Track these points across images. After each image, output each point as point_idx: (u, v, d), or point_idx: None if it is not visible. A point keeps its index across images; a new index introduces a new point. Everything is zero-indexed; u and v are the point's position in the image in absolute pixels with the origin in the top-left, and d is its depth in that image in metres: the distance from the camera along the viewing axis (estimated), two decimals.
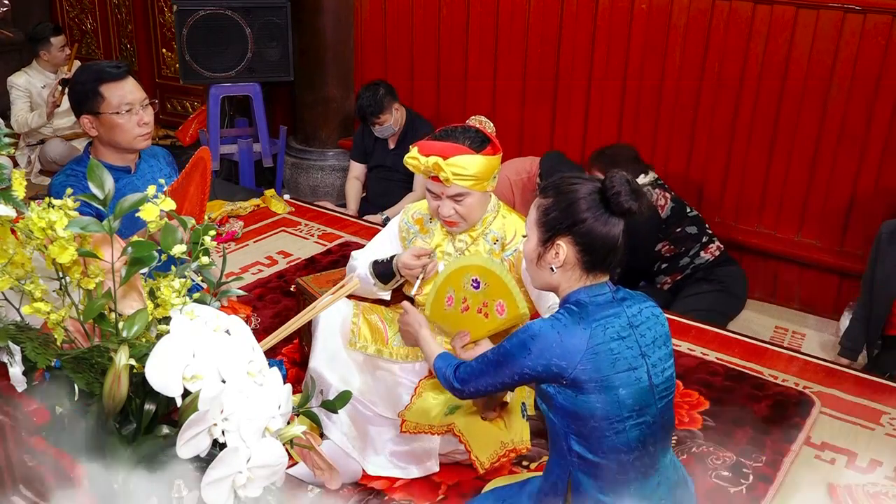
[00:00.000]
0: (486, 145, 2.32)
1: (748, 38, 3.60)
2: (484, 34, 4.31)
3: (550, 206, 1.76)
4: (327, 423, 2.34)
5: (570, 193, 1.74)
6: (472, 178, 2.27)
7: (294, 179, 5.05)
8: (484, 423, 2.35)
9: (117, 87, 2.37)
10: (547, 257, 1.77)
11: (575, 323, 1.70)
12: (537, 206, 1.79)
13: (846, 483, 2.44)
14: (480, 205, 2.38)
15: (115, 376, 1.23)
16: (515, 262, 2.41)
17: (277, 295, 3.44)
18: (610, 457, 1.70)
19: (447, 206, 2.34)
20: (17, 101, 4.94)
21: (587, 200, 1.72)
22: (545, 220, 1.76)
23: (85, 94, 2.37)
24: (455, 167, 2.25)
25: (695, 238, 3.52)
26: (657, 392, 1.75)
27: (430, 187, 2.36)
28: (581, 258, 1.74)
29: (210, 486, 1.19)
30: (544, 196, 1.79)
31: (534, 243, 1.79)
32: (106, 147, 2.45)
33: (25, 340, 1.27)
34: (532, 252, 1.80)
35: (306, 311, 2.45)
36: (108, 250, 1.31)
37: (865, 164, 3.51)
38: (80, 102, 2.40)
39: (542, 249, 1.77)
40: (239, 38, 4.59)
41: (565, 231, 1.73)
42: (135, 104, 2.39)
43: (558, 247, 1.74)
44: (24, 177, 1.35)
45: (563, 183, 1.77)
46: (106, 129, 2.39)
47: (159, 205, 1.30)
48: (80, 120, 2.41)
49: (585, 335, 1.69)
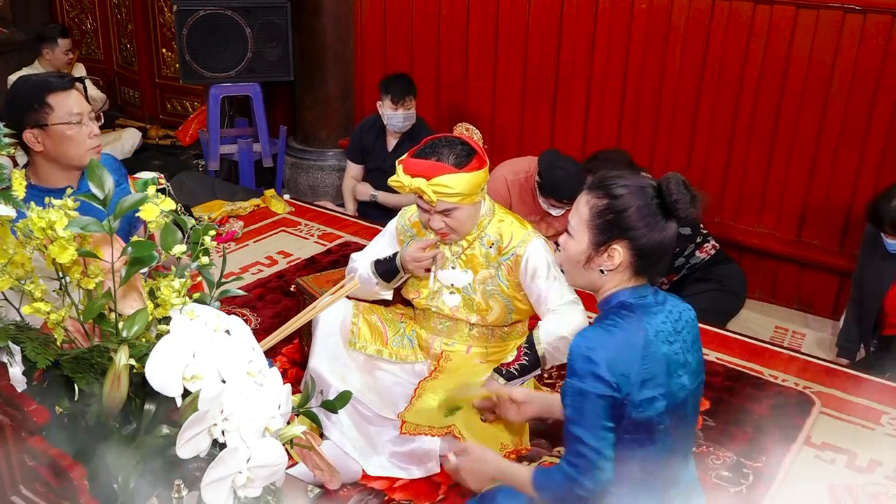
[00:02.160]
0: (471, 159, 2.29)
1: (748, 38, 3.60)
2: (484, 34, 4.31)
3: (605, 209, 1.66)
4: (327, 423, 2.34)
5: (628, 197, 1.64)
6: (457, 195, 2.27)
7: (294, 179, 5.05)
8: (484, 423, 2.35)
9: (65, 96, 2.18)
10: (598, 260, 1.68)
11: (628, 327, 1.63)
12: (589, 206, 1.68)
13: (846, 483, 2.44)
14: (470, 216, 2.37)
15: (115, 376, 1.23)
16: (514, 266, 2.40)
17: (277, 295, 3.44)
18: (636, 465, 1.63)
19: (437, 221, 2.34)
20: None
21: (647, 207, 1.64)
22: (600, 224, 1.66)
23: (30, 105, 2.15)
24: (439, 187, 2.25)
25: (688, 238, 3.52)
26: (693, 398, 1.70)
27: (418, 202, 2.36)
28: (634, 262, 1.67)
29: (210, 486, 1.19)
30: (596, 195, 1.68)
31: (584, 245, 1.69)
32: (51, 164, 2.22)
33: (25, 340, 1.27)
34: (580, 254, 1.70)
35: (306, 311, 2.45)
36: (108, 250, 1.31)
37: (865, 164, 3.51)
38: (22, 115, 2.15)
39: (594, 252, 1.68)
40: (239, 38, 4.59)
41: (621, 236, 1.65)
42: (84, 115, 2.20)
43: (613, 251, 1.66)
44: (24, 177, 1.35)
45: (617, 184, 1.67)
46: (54, 143, 2.17)
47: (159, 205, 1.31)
48: (24, 136, 2.16)
49: (640, 339, 1.61)
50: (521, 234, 2.41)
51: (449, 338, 2.54)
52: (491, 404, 2.26)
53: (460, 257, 2.45)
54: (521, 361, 2.33)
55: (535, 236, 2.42)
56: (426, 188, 2.24)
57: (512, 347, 2.51)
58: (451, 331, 2.53)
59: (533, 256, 2.38)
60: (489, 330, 2.51)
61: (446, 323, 2.53)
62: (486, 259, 2.43)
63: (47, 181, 2.25)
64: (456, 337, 2.53)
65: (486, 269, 2.43)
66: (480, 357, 2.52)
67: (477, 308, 2.45)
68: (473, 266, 2.44)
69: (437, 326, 2.54)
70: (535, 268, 2.37)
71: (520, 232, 2.42)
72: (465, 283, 2.45)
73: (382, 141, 4.20)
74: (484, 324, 2.48)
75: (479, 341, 2.53)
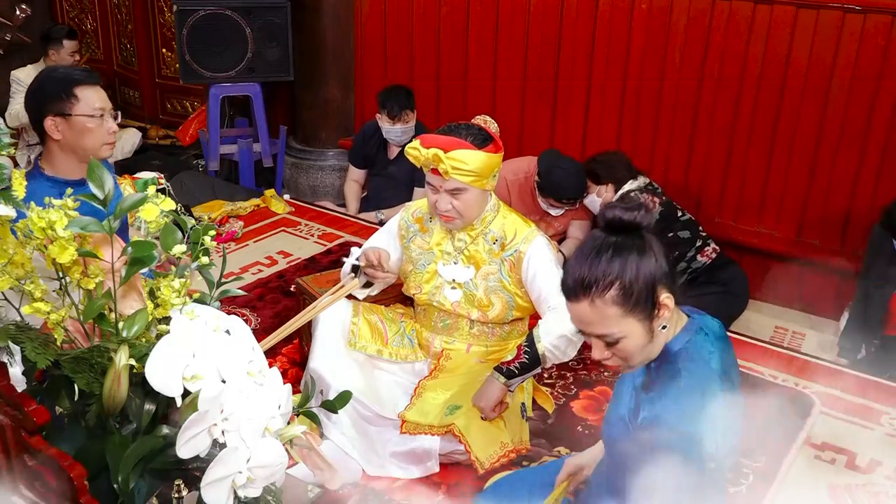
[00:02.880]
0: (489, 143, 2.32)
1: (748, 39, 3.60)
2: (484, 34, 4.31)
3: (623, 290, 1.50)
4: (327, 423, 2.34)
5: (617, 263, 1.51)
6: (471, 173, 2.27)
7: (294, 179, 5.05)
8: (483, 423, 2.35)
9: (91, 90, 2.29)
10: (656, 323, 1.56)
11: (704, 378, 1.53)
12: (610, 303, 1.51)
13: (846, 483, 2.44)
14: (478, 202, 2.38)
15: (115, 376, 1.23)
16: (516, 262, 2.41)
17: (277, 295, 3.44)
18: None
19: (444, 201, 2.34)
20: (17, 94, 4.93)
21: (628, 248, 1.52)
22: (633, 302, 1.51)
23: (57, 93, 2.25)
24: (455, 161, 2.26)
25: (688, 242, 3.51)
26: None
27: (429, 180, 2.37)
28: (671, 291, 1.57)
29: (210, 486, 1.19)
30: (601, 291, 1.50)
31: (639, 329, 1.54)
32: (66, 154, 2.30)
33: (25, 340, 1.27)
34: (643, 336, 1.54)
35: (306, 311, 2.47)
36: (108, 250, 1.31)
37: (865, 165, 3.51)
38: (47, 103, 2.25)
39: (651, 321, 1.54)
40: (239, 38, 4.59)
41: (653, 288, 1.52)
42: (106, 111, 2.31)
43: (661, 304, 1.54)
44: (24, 177, 1.35)
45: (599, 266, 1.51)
46: (74, 134, 2.26)
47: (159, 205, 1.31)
48: (45, 122, 2.25)
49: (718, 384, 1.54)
50: (524, 231, 2.42)
51: (449, 336, 2.54)
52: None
53: (463, 253, 2.45)
54: (521, 360, 2.33)
55: (538, 234, 2.43)
56: (443, 158, 2.25)
57: (512, 347, 2.51)
58: (451, 329, 2.53)
59: (535, 255, 2.38)
60: (489, 328, 2.51)
61: (447, 321, 2.53)
62: (489, 255, 2.43)
63: (61, 171, 2.32)
64: (456, 335, 2.53)
65: (488, 264, 2.43)
66: (480, 356, 2.53)
67: (478, 304, 2.46)
68: (476, 262, 2.45)
69: (437, 324, 2.55)
70: (537, 266, 2.37)
71: (523, 229, 2.43)
72: (467, 279, 2.45)
73: (385, 148, 4.21)
74: (485, 321, 2.48)
75: (479, 339, 2.53)
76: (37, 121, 2.28)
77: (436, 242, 2.50)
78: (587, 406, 2.77)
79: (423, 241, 2.52)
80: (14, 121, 4.90)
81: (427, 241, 2.51)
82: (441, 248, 2.49)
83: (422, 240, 2.53)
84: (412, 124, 4.04)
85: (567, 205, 3.64)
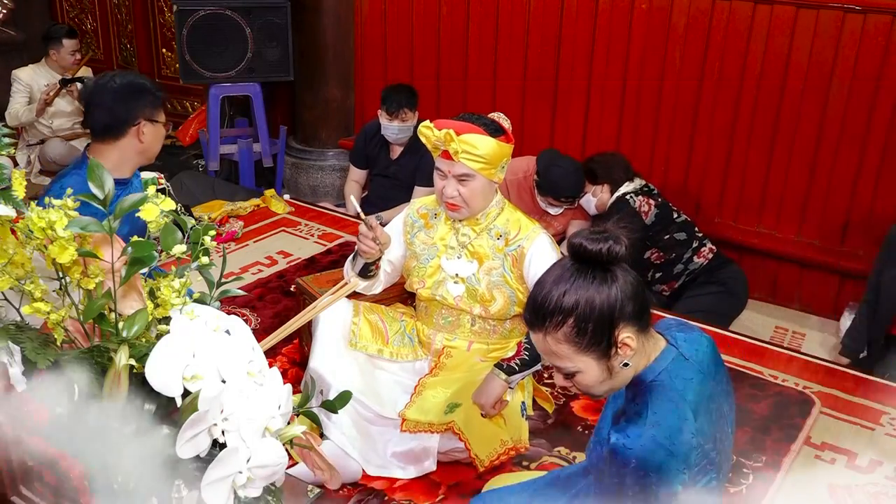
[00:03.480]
0: (501, 133, 2.36)
1: (748, 38, 3.60)
2: (484, 34, 4.31)
3: (577, 325, 1.46)
4: (327, 423, 2.34)
5: (573, 295, 1.46)
6: (480, 158, 2.29)
7: (294, 179, 5.05)
8: (483, 420, 2.35)
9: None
10: (616, 360, 1.51)
11: (672, 412, 1.48)
12: (562, 339, 1.48)
13: (846, 483, 2.44)
14: (484, 193, 2.39)
15: (115, 376, 1.23)
16: (518, 258, 2.42)
17: (277, 295, 3.44)
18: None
19: (452, 186, 2.36)
20: (17, 94, 4.92)
21: (593, 281, 1.47)
22: (588, 339, 1.47)
23: (153, 102, 2.46)
24: (466, 144, 2.29)
25: (684, 244, 3.52)
26: (731, 415, 1.65)
27: (438, 165, 2.38)
28: (639, 328, 1.51)
29: (210, 486, 1.19)
30: (554, 326, 1.47)
31: (595, 367, 1.50)
32: (133, 157, 2.48)
33: (25, 340, 1.27)
34: (600, 374, 1.51)
35: (306, 311, 2.47)
36: (108, 250, 1.31)
37: (865, 164, 3.51)
38: (142, 107, 2.43)
39: (608, 360, 1.50)
40: (239, 38, 4.59)
41: (612, 325, 1.47)
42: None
43: (622, 343, 1.49)
44: (24, 177, 1.34)
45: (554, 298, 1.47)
46: (152, 139, 2.48)
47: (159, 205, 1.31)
48: (139, 125, 2.42)
49: (689, 417, 1.48)
50: (528, 227, 2.44)
51: (451, 333, 2.54)
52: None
53: (466, 247, 2.46)
54: (521, 356, 2.34)
55: (541, 232, 2.44)
56: (455, 138, 2.28)
57: (513, 345, 2.51)
58: (453, 325, 2.53)
59: (538, 252, 2.39)
60: (491, 325, 2.52)
61: (449, 317, 2.53)
62: (492, 250, 2.44)
63: (116, 171, 2.39)
64: (458, 332, 2.54)
65: (491, 259, 2.44)
66: (481, 354, 2.53)
67: (480, 298, 2.46)
68: (479, 256, 2.45)
69: (439, 321, 2.55)
70: (539, 264, 2.38)
71: (527, 226, 2.45)
72: (470, 273, 2.46)
73: (387, 148, 4.20)
74: (487, 316, 2.48)
75: (480, 337, 2.53)
76: (123, 121, 2.40)
77: (440, 237, 2.50)
78: (587, 406, 2.77)
79: (427, 236, 2.53)
80: (13, 120, 4.89)
81: (431, 237, 2.52)
82: (445, 243, 2.49)
83: (426, 235, 2.53)
84: (410, 124, 4.02)
85: (565, 203, 3.64)
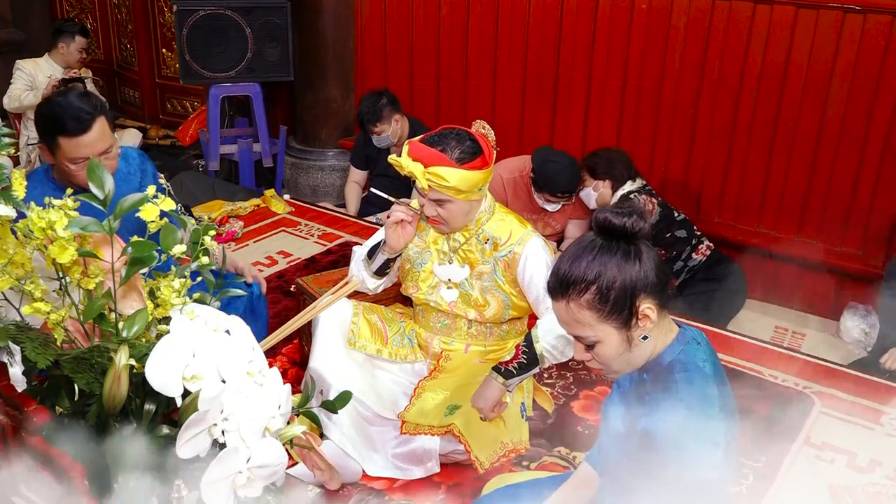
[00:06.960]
0: (475, 158, 2.28)
1: (748, 39, 3.60)
2: (484, 34, 4.30)
3: (599, 294, 1.49)
4: (327, 423, 2.34)
5: (598, 265, 1.49)
6: (451, 189, 2.27)
7: (294, 179, 5.05)
8: (483, 423, 2.35)
9: (76, 142, 2.19)
10: (636, 332, 1.53)
11: (700, 388, 1.51)
12: (584, 306, 1.51)
13: (846, 483, 2.44)
14: (463, 212, 2.37)
15: (115, 376, 1.23)
16: (511, 262, 2.40)
17: (277, 295, 3.44)
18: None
19: (430, 207, 2.35)
20: (18, 80, 4.87)
21: (618, 253, 1.50)
22: (610, 308, 1.50)
23: (43, 134, 2.24)
24: (433, 177, 2.26)
25: (685, 241, 3.54)
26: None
27: (414, 186, 2.37)
28: (660, 303, 1.53)
29: (210, 486, 1.19)
30: (577, 295, 1.50)
31: (615, 336, 1.52)
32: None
33: (25, 340, 1.27)
34: (619, 345, 1.53)
35: (306, 311, 2.47)
36: (108, 250, 1.31)
37: (865, 164, 3.51)
38: (40, 132, 2.26)
39: (629, 331, 1.52)
40: (239, 38, 4.59)
41: (634, 295, 1.49)
42: (93, 156, 2.15)
43: (643, 314, 1.51)
44: (24, 177, 1.35)
45: (578, 268, 1.50)
46: (58, 170, 2.28)
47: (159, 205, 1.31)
48: (39, 145, 2.26)
49: (715, 392, 1.52)
50: (519, 232, 2.41)
51: (448, 336, 2.54)
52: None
53: (457, 252, 2.45)
54: (519, 360, 2.33)
55: (533, 235, 2.42)
56: (420, 175, 2.26)
57: (511, 346, 2.51)
58: (449, 329, 2.53)
59: (532, 256, 2.38)
60: (487, 328, 2.51)
61: (445, 321, 2.53)
62: (481, 255, 2.43)
63: (66, 181, 2.29)
64: (454, 335, 2.53)
65: (482, 264, 2.43)
66: (479, 356, 2.53)
67: (474, 303, 2.46)
68: (470, 261, 2.45)
69: (435, 325, 2.55)
70: (534, 267, 2.37)
71: (519, 230, 2.42)
72: (462, 278, 2.45)
73: (386, 150, 4.21)
74: (482, 320, 2.48)
75: (477, 339, 2.53)
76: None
77: (432, 240, 2.50)
78: (587, 406, 2.77)
79: (420, 239, 2.52)
80: (14, 102, 4.84)
81: (424, 240, 2.51)
82: (437, 248, 2.49)
83: (419, 238, 2.53)
84: (394, 128, 4.05)
85: (562, 199, 3.65)
